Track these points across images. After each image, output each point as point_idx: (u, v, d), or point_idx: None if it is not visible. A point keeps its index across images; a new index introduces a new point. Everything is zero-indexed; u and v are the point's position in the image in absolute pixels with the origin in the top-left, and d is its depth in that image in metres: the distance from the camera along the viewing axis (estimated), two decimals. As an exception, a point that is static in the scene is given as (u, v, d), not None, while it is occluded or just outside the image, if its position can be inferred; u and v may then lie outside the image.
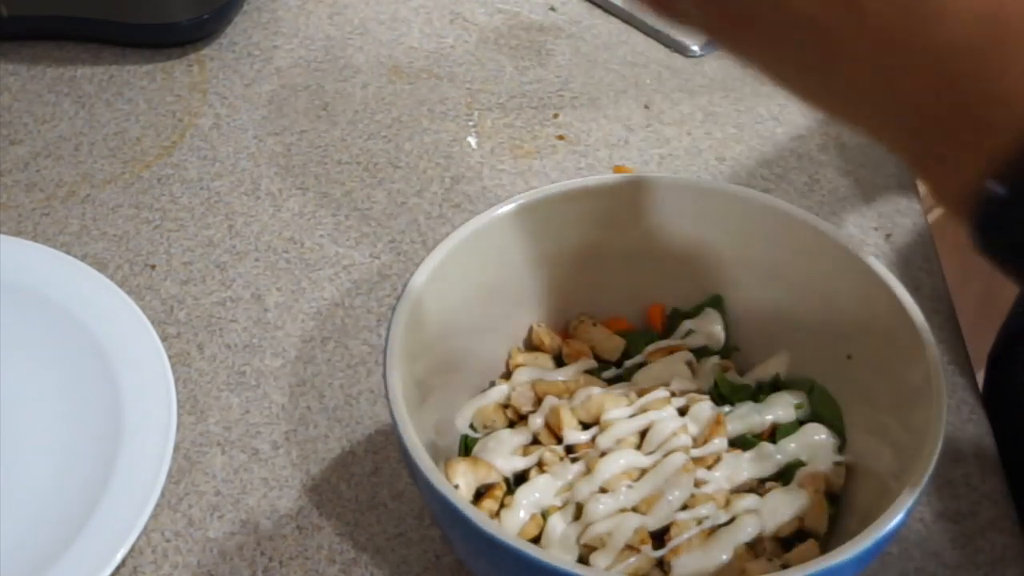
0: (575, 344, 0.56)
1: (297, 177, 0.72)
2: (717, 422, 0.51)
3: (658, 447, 0.51)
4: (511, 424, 0.54)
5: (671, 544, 0.48)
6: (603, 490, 0.49)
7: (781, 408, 0.54)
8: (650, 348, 0.56)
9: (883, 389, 0.52)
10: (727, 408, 0.54)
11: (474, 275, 0.54)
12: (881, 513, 0.44)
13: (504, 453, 0.52)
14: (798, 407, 0.54)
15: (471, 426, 0.54)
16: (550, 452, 0.51)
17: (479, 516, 0.44)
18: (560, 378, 0.55)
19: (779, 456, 0.51)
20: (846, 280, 0.53)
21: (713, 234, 0.56)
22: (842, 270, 0.53)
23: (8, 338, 0.61)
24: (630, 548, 0.48)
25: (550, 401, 0.53)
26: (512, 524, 0.49)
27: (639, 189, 0.57)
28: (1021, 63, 0.34)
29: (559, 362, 0.56)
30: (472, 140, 0.75)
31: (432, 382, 0.52)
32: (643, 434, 0.51)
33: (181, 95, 0.78)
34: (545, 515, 0.50)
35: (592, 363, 0.56)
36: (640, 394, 0.53)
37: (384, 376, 0.48)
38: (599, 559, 0.48)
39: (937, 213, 1.10)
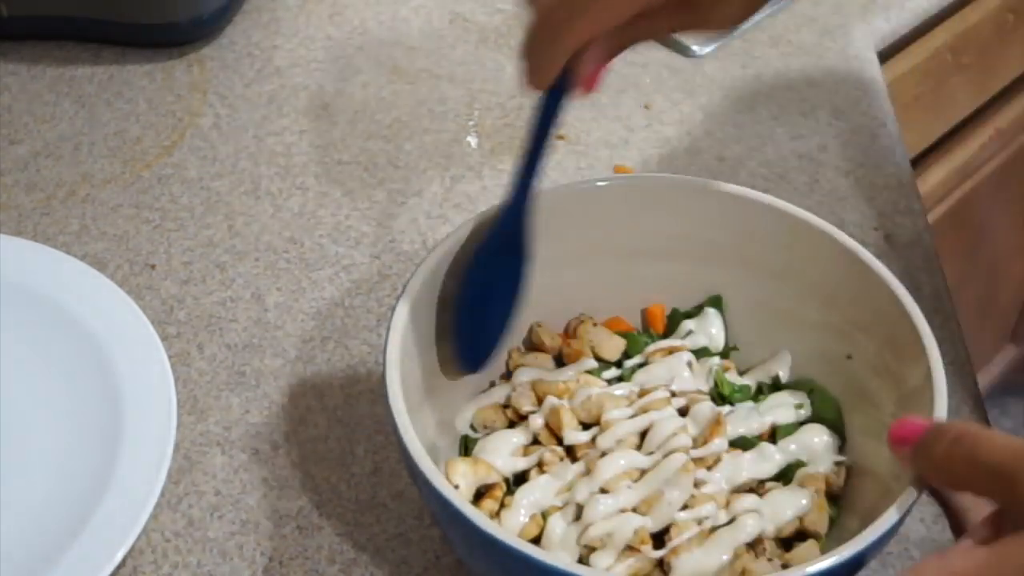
0: (575, 344, 0.56)
1: (297, 177, 0.72)
2: (717, 422, 0.51)
3: (658, 447, 0.51)
4: (511, 424, 0.54)
5: (671, 544, 0.48)
6: (603, 490, 0.49)
7: (781, 408, 0.54)
8: (650, 348, 0.56)
9: (883, 389, 0.52)
10: (727, 408, 0.54)
11: (474, 275, 0.54)
12: (881, 513, 0.44)
13: (504, 453, 0.52)
14: (798, 407, 0.54)
15: (471, 426, 0.54)
16: (550, 452, 0.51)
17: (479, 516, 0.44)
18: (560, 378, 0.55)
19: (779, 456, 0.51)
20: (846, 280, 0.53)
21: (713, 234, 0.56)
22: (842, 270, 0.53)
23: (8, 338, 0.61)
24: (630, 548, 0.48)
25: (550, 401, 0.53)
26: (512, 524, 0.49)
27: (639, 189, 0.57)
28: None
29: (559, 362, 0.56)
30: (472, 140, 0.75)
31: (432, 382, 0.52)
32: (643, 434, 0.51)
33: (181, 95, 0.78)
34: (545, 515, 0.50)
35: (592, 363, 0.56)
36: (640, 394, 0.53)
37: (384, 376, 0.48)
38: (599, 559, 0.48)
39: (937, 213, 1.10)
